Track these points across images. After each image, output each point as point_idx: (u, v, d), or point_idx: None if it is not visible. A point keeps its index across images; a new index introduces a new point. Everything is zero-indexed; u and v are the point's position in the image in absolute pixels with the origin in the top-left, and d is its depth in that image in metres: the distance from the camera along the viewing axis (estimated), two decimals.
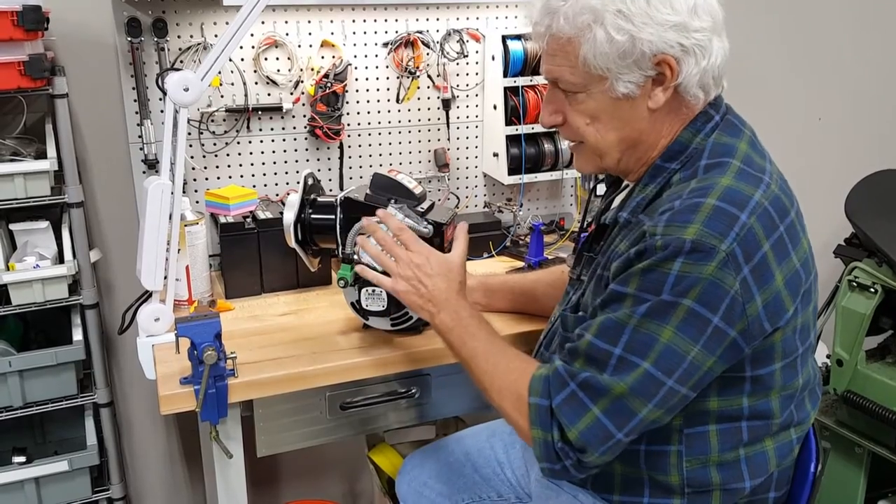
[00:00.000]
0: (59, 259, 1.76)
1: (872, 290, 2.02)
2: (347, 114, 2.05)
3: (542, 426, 1.16)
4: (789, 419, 1.22)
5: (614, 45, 1.12)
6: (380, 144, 2.12)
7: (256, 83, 1.96)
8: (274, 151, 2.02)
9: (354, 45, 2.02)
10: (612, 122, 1.19)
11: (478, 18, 2.11)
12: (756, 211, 1.08)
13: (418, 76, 2.09)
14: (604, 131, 1.20)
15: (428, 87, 2.12)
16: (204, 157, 1.96)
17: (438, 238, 1.50)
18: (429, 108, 2.14)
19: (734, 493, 1.22)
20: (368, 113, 2.08)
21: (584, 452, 1.13)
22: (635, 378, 1.09)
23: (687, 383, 1.10)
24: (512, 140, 2.10)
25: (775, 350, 1.15)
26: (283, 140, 2.02)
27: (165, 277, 1.54)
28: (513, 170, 2.11)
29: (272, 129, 2.00)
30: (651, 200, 1.18)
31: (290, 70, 1.97)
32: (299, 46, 1.96)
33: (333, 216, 1.55)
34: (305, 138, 2.04)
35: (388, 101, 2.09)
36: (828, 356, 2.15)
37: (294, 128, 2.02)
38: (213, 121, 1.94)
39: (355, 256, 1.49)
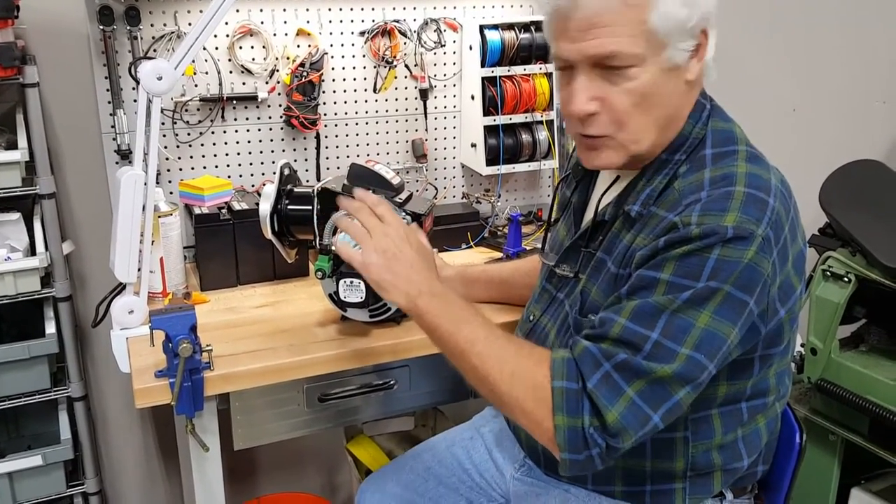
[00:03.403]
0: (31, 251, 1.73)
1: (846, 279, 2.04)
2: (324, 103, 2.03)
3: (568, 412, 1.08)
4: (777, 393, 1.25)
5: (681, 10, 1.08)
6: (357, 134, 2.10)
7: (231, 72, 1.93)
8: (249, 141, 2.00)
9: (331, 33, 2.00)
10: (659, 98, 1.13)
11: (455, 8, 2.10)
12: (777, 194, 1.11)
13: (395, 66, 2.08)
14: (650, 110, 1.13)
15: (405, 77, 2.11)
16: (178, 147, 1.93)
17: None
18: (406, 98, 2.13)
19: (733, 472, 1.25)
20: (345, 102, 2.07)
21: (616, 437, 1.07)
22: (681, 363, 1.06)
23: (719, 366, 1.10)
24: (490, 130, 2.10)
25: (784, 329, 1.17)
26: (259, 130, 2.00)
27: (139, 269, 1.52)
28: (490, 160, 2.11)
29: (247, 119, 1.98)
30: (661, 192, 1.16)
31: (265, 59, 1.95)
32: (274, 35, 1.94)
33: (310, 207, 1.54)
34: (281, 128, 2.02)
35: (365, 90, 2.08)
36: (802, 345, 2.17)
37: (269, 117, 2.00)
38: (186, 110, 1.92)
39: (332, 247, 1.48)
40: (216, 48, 1.90)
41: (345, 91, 2.06)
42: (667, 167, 1.18)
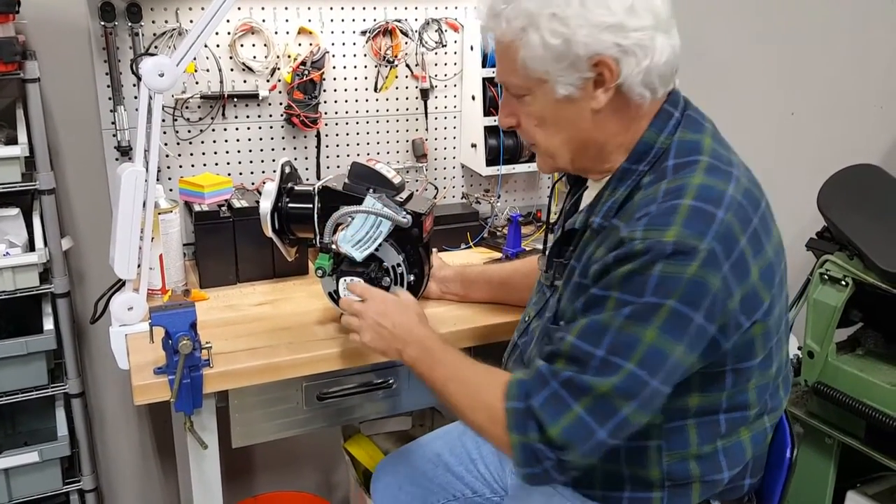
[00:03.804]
0: (30, 247, 1.73)
1: (843, 282, 2.05)
2: (325, 102, 2.03)
3: (518, 430, 1.15)
4: (764, 407, 1.23)
5: (549, 48, 1.12)
6: (357, 133, 2.10)
7: (232, 70, 1.93)
8: (249, 139, 2.00)
9: (332, 32, 2.00)
10: (557, 124, 1.20)
11: (456, 8, 2.10)
12: (731, 206, 1.09)
13: (396, 65, 2.08)
14: (551, 133, 1.21)
15: (406, 77, 2.11)
16: (178, 144, 1.93)
17: (417, 228, 1.49)
18: (407, 98, 2.13)
19: (713, 485, 1.23)
20: (346, 101, 2.07)
21: (564, 450, 1.12)
22: (620, 378, 1.08)
23: (669, 382, 1.11)
24: (490, 131, 2.10)
25: (756, 343, 1.16)
26: (259, 128, 2.00)
27: (139, 266, 1.52)
28: (491, 161, 2.11)
29: (248, 117, 1.98)
30: (622, 204, 1.17)
31: (266, 57, 1.95)
32: (276, 33, 1.94)
33: (311, 205, 1.54)
34: (282, 126, 2.02)
35: (366, 89, 2.08)
36: (799, 348, 2.18)
37: (270, 115, 2.00)
38: (187, 107, 1.92)
39: (333, 245, 1.48)
40: (217, 46, 1.90)
41: (346, 90, 2.06)
42: (630, 177, 1.19)
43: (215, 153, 1.97)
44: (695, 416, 1.19)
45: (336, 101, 2.06)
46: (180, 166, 1.94)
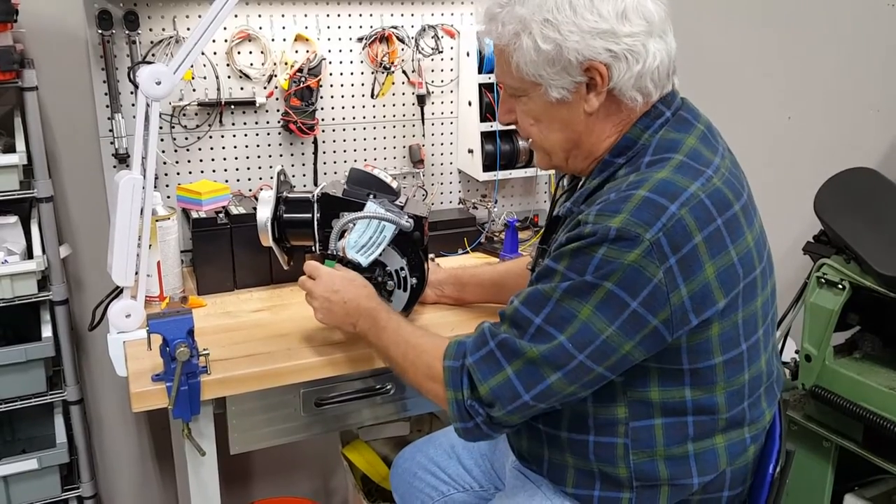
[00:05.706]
0: (29, 254, 1.73)
1: (840, 286, 2.05)
2: (322, 108, 2.04)
3: (453, 386, 1.23)
4: (740, 416, 1.22)
5: (541, 53, 1.15)
6: (354, 140, 2.11)
7: (229, 77, 1.94)
8: (247, 146, 2.00)
9: (329, 39, 2.01)
10: (552, 124, 1.23)
11: (452, 14, 2.11)
12: (689, 203, 1.10)
13: (393, 72, 2.08)
14: (546, 132, 1.25)
15: (403, 83, 2.12)
16: (175, 151, 1.93)
17: (418, 231, 1.50)
18: (403, 104, 2.14)
19: (682, 489, 1.23)
20: (343, 108, 2.07)
21: (492, 407, 1.19)
22: (549, 347, 1.13)
23: (602, 363, 1.13)
24: (486, 136, 2.11)
25: (713, 344, 1.16)
26: (257, 135, 2.00)
27: (137, 273, 1.53)
28: (487, 166, 2.12)
29: (245, 124, 1.99)
30: (593, 192, 1.21)
31: (263, 64, 1.96)
32: (273, 40, 1.95)
33: (311, 214, 1.54)
34: (279, 133, 2.02)
35: (363, 96, 2.09)
36: (796, 352, 2.18)
37: (267, 122, 2.00)
38: (184, 115, 1.92)
39: (339, 252, 1.49)
40: (214, 53, 1.91)
41: (342, 96, 2.06)
42: (608, 169, 1.22)
43: (212, 160, 1.98)
44: (662, 415, 1.19)
45: (333, 108, 2.06)
46: (178, 173, 1.95)
